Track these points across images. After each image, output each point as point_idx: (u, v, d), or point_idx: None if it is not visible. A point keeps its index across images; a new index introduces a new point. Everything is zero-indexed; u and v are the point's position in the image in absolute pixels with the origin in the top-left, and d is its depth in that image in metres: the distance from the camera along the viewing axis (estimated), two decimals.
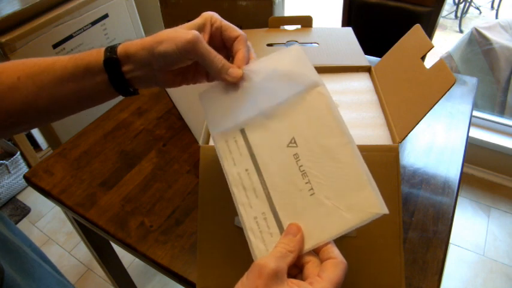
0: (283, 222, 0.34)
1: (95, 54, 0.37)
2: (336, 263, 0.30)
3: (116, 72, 0.37)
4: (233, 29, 0.39)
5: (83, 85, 0.37)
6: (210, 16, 0.38)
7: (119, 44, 0.37)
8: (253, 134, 0.37)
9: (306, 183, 0.34)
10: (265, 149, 0.36)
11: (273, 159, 0.35)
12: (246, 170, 0.36)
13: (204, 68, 0.38)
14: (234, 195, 0.36)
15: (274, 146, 0.36)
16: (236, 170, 0.36)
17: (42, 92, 0.37)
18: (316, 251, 0.33)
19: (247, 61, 0.39)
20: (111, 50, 0.37)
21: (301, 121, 0.35)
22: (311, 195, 0.33)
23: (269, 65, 0.38)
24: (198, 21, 0.38)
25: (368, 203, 0.31)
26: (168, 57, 0.35)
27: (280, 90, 0.36)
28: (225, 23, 0.39)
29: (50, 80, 0.37)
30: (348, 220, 0.32)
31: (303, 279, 0.31)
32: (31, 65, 0.38)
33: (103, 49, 0.37)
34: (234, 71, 0.37)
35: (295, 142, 0.35)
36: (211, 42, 0.38)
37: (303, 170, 0.34)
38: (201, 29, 0.38)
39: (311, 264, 0.32)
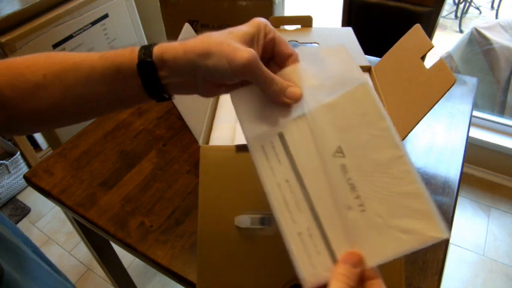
0: (332, 240, 0.30)
1: (128, 54, 0.33)
2: (382, 283, 0.29)
3: (151, 77, 0.33)
4: (287, 45, 0.36)
5: (113, 88, 0.34)
6: (264, 25, 0.34)
7: (155, 44, 0.33)
8: (293, 140, 0.33)
9: (356, 198, 0.30)
10: (308, 157, 0.32)
11: (317, 170, 0.31)
12: (287, 180, 0.32)
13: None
14: (273, 208, 0.32)
15: (318, 154, 0.32)
16: (275, 181, 0.32)
17: (69, 92, 0.34)
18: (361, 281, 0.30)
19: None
20: (145, 52, 0.33)
21: (348, 126, 0.31)
22: (361, 211, 0.30)
23: (312, 65, 0.34)
24: (250, 30, 0.33)
25: (428, 227, 0.28)
26: (218, 73, 0.32)
27: (325, 91, 0.33)
28: (278, 35, 0.36)
29: (78, 79, 0.34)
30: (405, 242, 0.29)
31: None
32: (57, 62, 0.35)
33: (137, 49, 0.33)
34: (293, 91, 0.33)
35: (342, 152, 0.31)
36: (262, 54, 0.35)
37: (352, 184, 0.30)
38: (254, 39, 0.33)
39: (376, 283, 0.29)
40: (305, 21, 0.72)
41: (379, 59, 0.56)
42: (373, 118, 0.31)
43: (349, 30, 0.71)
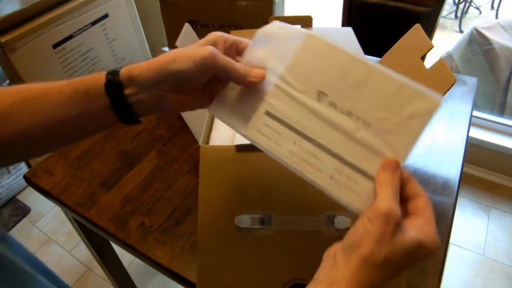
0: (360, 165, 0.33)
1: (96, 77, 0.35)
2: (428, 201, 0.31)
3: (118, 94, 0.34)
4: (246, 42, 0.39)
5: (81, 111, 0.35)
6: (221, 34, 0.37)
7: (121, 67, 0.35)
8: (279, 110, 0.36)
9: (356, 120, 0.33)
10: (300, 115, 0.35)
11: (313, 120, 0.35)
12: (294, 143, 0.35)
13: (211, 89, 0.38)
14: (299, 173, 0.34)
15: (307, 108, 0.35)
16: (285, 149, 0.35)
17: (34, 119, 0.34)
18: (401, 186, 0.32)
19: None
20: (113, 73, 0.34)
21: (315, 72, 0.35)
22: (367, 127, 0.33)
23: (263, 46, 0.38)
24: (208, 37, 0.37)
25: (424, 102, 0.32)
26: (184, 75, 0.34)
27: (282, 58, 0.36)
28: (239, 38, 0.39)
29: (45, 105, 0.34)
30: (417, 125, 0.32)
31: (408, 212, 0.32)
32: (23, 91, 0.35)
33: (104, 72, 0.35)
34: (257, 71, 0.37)
35: (323, 93, 0.34)
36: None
37: (346, 111, 0.34)
38: (214, 44, 0.37)
39: (421, 201, 0.32)
40: (305, 21, 0.72)
41: (379, 59, 0.56)
42: (332, 54, 0.35)
43: (349, 30, 0.71)
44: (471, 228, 1.43)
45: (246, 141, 0.39)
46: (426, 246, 0.30)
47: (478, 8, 3.03)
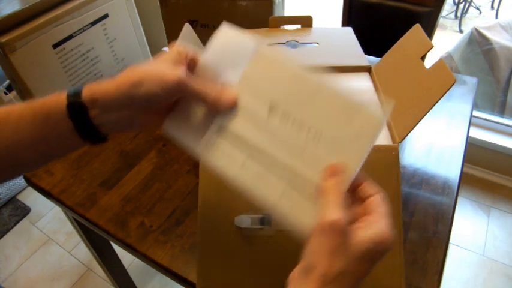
0: (311, 177, 0.33)
1: (56, 99, 0.33)
2: (382, 197, 0.31)
3: (82, 118, 0.33)
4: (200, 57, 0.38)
5: (43, 135, 0.33)
6: (182, 50, 0.36)
7: (82, 86, 0.33)
8: (232, 125, 0.36)
9: (308, 132, 0.33)
10: (253, 131, 0.35)
11: (266, 134, 0.34)
12: (247, 158, 0.34)
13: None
14: (249, 191, 0.34)
15: (259, 123, 0.35)
16: (238, 166, 0.34)
17: None
18: (353, 189, 0.32)
19: None
20: (74, 95, 0.33)
21: (266, 86, 0.35)
22: (319, 139, 0.33)
23: (214, 56, 0.38)
24: (171, 54, 0.35)
25: (370, 118, 0.32)
26: (153, 98, 0.33)
27: (235, 71, 0.36)
28: (197, 51, 0.38)
29: (4, 131, 0.33)
30: (363, 144, 0.32)
31: (364, 211, 0.31)
32: None
33: (65, 93, 0.33)
34: (228, 92, 0.35)
35: (275, 106, 0.35)
36: (187, 72, 0.37)
37: (298, 124, 0.34)
38: (177, 61, 0.35)
39: (374, 198, 0.31)
40: (305, 21, 0.72)
41: (379, 59, 0.56)
42: (282, 70, 0.35)
43: (349, 30, 0.71)
44: (471, 228, 1.43)
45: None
46: (381, 243, 0.29)
47: (478, 8, 3.03)
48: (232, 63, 0.37)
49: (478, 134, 1.53)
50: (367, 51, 0.66)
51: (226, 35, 0.38)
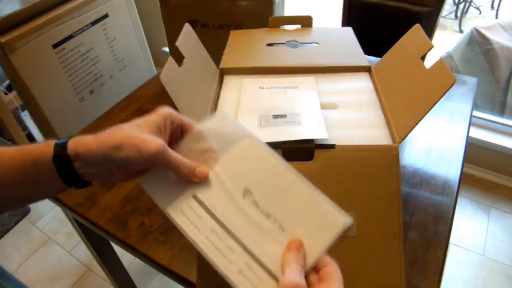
0: (268, 264, 0.34)
1: (44, 148, 0.36)
2: (335, 268, 0.33)
3: (67, 167, 0.36)
4: (192, 127, 0.40)
5: (29, 179, 0.36)
6: (170, 114, 0.38)
7: (69, 138, 0.36)
8: (206, 196, 0.38)
9: (274, 223, 0.35)
10: (224, 206, 0.37)
11: (235, 213, 0.36)
12: (212, 230, 0.36)
13: None
14: (211, 261, 0.35)
15: (231, 201, 0.37)
16: (203, 235, 0.36)
17: None
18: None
19: None
20: (60, 146, 0.36)
21: (246, 170, 0.38)
22: (283, 232, 0.35)
23: (206, 130, 0.40)
24: (156, 119, 0.37)
25: (334, 219, 0.34)
26: (130, 163, 0.35)
27: (221, 150, 0.39)
28: (185, 120, 0.39)
29: None
30: (324, 239, 0.34)
31: (319, 279, 0.33)
32: None
33: (52, 143, 0.36)
34: (200, 171, 0.38)
35: (249, 191, 0.37)
36: (170, 139, 0.39)
37: (266, 213, 0.36)
38: (161, 128, 0.37)
39: (329, 268, 0.33)
40: (305, 21, 0.72)
41: (379, 59, 0.56)
42: (265, 159, 0.37)
43: (349, 30, 0.71)
44: (471, 228, 1.43)
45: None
46: None
47: (478, 8, 3.03)
48: (221, 144, 0.39)
49: (478, 134, 1.53)
50: (367, 51, 0.66)
51: (224, 118, 0.40)
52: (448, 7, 2.99)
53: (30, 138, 1.64)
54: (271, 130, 0.48)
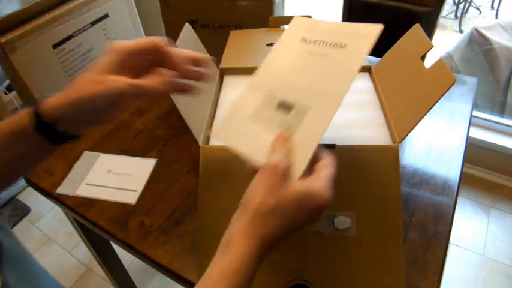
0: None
1: (18, 119, 0.36)
2: (327, 163, 0.35)
3: (49, 130, 0.36)
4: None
5: (9, 133, 0.36)
6: (129, 48, 0.37)
7: (38, 105, 0.36)
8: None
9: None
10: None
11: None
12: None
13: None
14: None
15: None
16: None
17: None
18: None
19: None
20: (36, 113, 0.35)
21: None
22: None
23: None
24: (111, 59, 0.36)
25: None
26: (98, 109, 0.36)
27: None
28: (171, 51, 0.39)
29: None
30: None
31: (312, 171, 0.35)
32: None
33: (25, 114, 0.36)
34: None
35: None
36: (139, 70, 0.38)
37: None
38: (120, 66, 0.36)
39: (323, 161, 0.35)
40: None
41: (379, 59, 0.56)
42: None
43: None
44: (471, 228, 1.43)
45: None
46: (313, 196, 0.32)
47: (478, 8, 3.03)
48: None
49: (478, 134, 1.53)
50: None
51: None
52: (448, 7, 2.99)
53: None
54: (250, 128, 0.41)
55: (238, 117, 0.42)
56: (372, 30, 0.40)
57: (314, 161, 0.35)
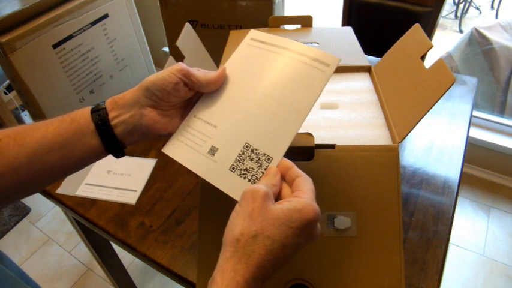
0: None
1: (82, 109, 0.38)
2: (306, 178, 0.35)
3: (102, 116, 0.38)
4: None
5: (68, 137, 0.37)
6: (153, 82, 0.39)
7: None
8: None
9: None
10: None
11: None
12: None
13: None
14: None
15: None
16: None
17: (23, 150, 0.36)
18: (282, 176, 0.36)
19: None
20: (99, 104, 0.39)
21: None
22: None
23: None
24: (135, 94, 0.39)
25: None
26: (163, 83, 0.38)
27: None
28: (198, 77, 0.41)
29: (33, 136, 0.36)
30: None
31: (292, 190, 0.35)
32: (11, 129, 0.38)
33: (88, 111, 0.38)
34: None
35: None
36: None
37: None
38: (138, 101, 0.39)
39: (299, 179, 0.35)
40: (305, 21, 0.72)
41: (379, 59, 0.56)
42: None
43: (349, 30, 0.71)
44: (471, 228, 1.43)
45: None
46: (300, 210, 0.31)
47: (478, 8, 3.03)
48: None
49: (478, 134, 1.53)
50: (367, 51, 0.66)
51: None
52: (448, 7, 2.99)
53: None
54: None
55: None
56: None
57: (290, 181, 0.35)
